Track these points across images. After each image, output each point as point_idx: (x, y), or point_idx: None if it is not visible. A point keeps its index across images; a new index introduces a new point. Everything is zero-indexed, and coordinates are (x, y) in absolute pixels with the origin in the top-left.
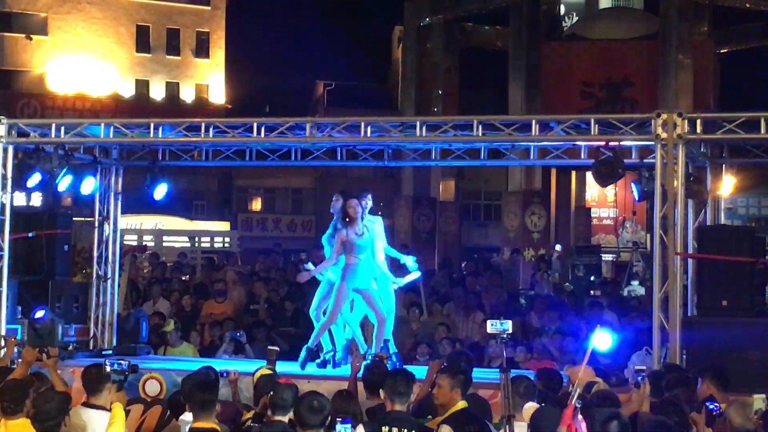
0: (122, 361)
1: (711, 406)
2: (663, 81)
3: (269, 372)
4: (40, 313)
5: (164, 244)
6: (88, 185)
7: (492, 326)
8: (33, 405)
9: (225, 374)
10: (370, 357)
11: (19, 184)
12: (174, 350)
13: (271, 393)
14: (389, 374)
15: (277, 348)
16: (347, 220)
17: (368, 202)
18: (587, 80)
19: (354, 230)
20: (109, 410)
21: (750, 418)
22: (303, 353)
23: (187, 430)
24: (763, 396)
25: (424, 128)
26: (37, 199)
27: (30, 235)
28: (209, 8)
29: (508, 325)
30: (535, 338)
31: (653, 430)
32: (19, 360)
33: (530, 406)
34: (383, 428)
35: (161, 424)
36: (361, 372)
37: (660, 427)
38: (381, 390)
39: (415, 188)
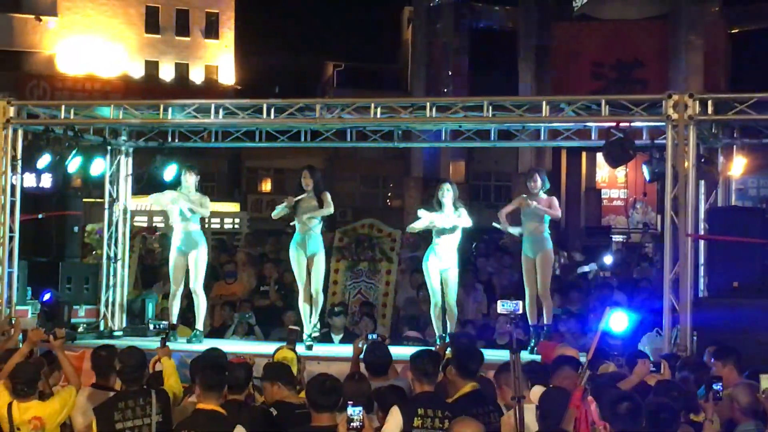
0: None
1: (716, 387)
2: (674, 61)
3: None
4: (47, 296)
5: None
6: (98, 166)
7: (503, 306)
8: (119, 360)
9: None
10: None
11: (29, 165)
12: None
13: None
14: (416, 355)
15: (297, 328)
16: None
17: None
18: (598, 60)
19: None
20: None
21: (758, 397)
22: None
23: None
24: None
25: (434, 109)
26: (46, 181)
27: (40, 216)
28: None
29: (519, 306)
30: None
31: (652, 411)
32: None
33: (538, 389)
34: (418, 410)
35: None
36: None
37: (660, 409)
38: (410, 371)
39: (425, 169)
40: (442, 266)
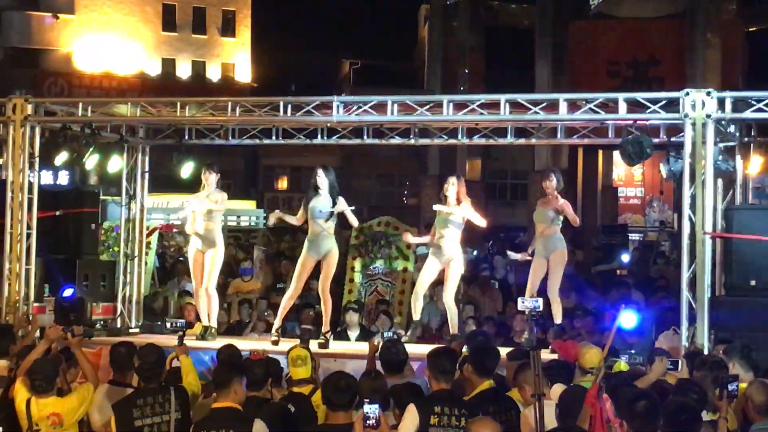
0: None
1: (731, 387)
2: (690, 59)
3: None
4: (68, 292)
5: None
6: (115, 164)
7: (522, 303)
8: (138, 357)
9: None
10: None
11: (46, 162)
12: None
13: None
14: (433, 353)
15: (311, 327)
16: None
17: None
18: (613, 59)
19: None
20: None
21: None
22: None
23: None
24: None
25: (450, 106)
26: (64, 178)
27: (57, 213)
28: None
29: (539, 303)
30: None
31: (672, 411)
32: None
33: (558, 387)
34: (435, 408)
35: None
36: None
37: (680, 410)
38: (427, 369)
39: (441, 168)
40: (444, 260)
